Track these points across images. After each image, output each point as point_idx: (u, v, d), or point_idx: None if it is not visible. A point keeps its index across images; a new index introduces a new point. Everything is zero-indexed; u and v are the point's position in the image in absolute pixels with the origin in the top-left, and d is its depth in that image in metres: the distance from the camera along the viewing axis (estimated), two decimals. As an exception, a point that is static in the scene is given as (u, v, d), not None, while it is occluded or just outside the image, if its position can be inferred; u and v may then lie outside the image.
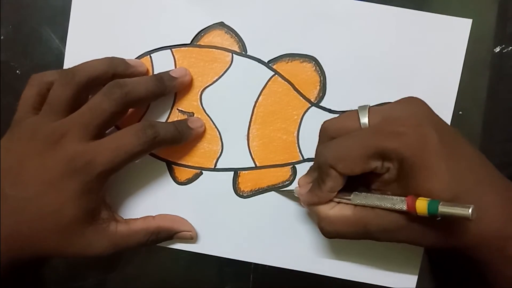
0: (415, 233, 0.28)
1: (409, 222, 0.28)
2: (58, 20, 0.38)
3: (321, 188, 0.30)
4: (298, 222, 0.37)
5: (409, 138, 0.27)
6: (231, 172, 0.38)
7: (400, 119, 0.28)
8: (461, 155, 0.28)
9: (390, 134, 0.28)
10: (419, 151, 0.27)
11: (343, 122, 0.31)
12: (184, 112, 0.37)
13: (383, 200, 0.28)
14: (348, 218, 0.30)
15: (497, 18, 0.36)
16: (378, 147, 0.28)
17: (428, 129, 0.27)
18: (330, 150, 0.30)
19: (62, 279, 0.39)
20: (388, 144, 0.27)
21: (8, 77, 0.38)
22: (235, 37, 0.37)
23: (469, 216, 0.24)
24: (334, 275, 0.37)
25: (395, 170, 0.28)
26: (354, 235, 0.30)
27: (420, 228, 0.28)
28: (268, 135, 0.37)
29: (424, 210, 0.26)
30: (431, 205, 0.25)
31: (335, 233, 0.31)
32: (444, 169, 0.27)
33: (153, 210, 0.38)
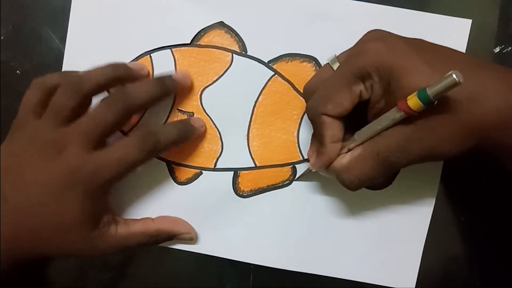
0: (427, 139, 0.27)
1: (415, 128, 0.27)
2: (58, 20, 0.38)
3: (324, 143, 0.30)
4: (298, 222, 0.37)
5: (376, 48, 0.28)
6: (231, 172, 0.38)
7: (363, 41, 0.30)
8: (437, 50, 0.29)
9: (359, 54, 0.29)
10: (390, 54, 0.27)
11: (319, 76, 0.32)
12: (184, 112, 0.37)
13: (381, 121, 0.28)
14: (360, 157, 0.30)
15: (497, 18, 0.36)
16: (354, 70, 0.28)
17: (391, 37, 0.29)
18: (315, 99, 0.30)
19: (62, 279, 0.39)
20: (361, 62, 0.28)
21: (8, 77, 0.38)
22: (235, 37, 0.37)
23: (456, 80, 0.24)
24: (334, 275, 0.37)
25: (378, 86, 0.28)
26: (373, 172, 0.29)
27: (429, 130, 0.27)
28: (268, 135, 0.37)
29: (417, 103, 0.25)
30: (420, 95, 0.25)
31: (356, 179, 0.30)
32: (421, 61, 0.27)
33: (153, 210, 0.38)
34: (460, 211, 0.37)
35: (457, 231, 0.37)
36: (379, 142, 0.29)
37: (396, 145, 0.28)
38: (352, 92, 0.29)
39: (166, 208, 0.38)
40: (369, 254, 0.37)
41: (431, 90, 0.25)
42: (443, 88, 0.25)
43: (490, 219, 0.37)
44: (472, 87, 0.26)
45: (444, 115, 0.26)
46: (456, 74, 0.24)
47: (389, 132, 0.28)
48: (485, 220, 0.37)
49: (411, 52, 0.27)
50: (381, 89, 0.28)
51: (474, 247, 0.37)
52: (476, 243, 0.37)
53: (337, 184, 0.37)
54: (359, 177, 0.30)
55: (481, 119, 0.26)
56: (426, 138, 0.27)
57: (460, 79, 0.24)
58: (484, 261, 0.37)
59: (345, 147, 0.31)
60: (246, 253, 0.38)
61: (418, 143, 0.28)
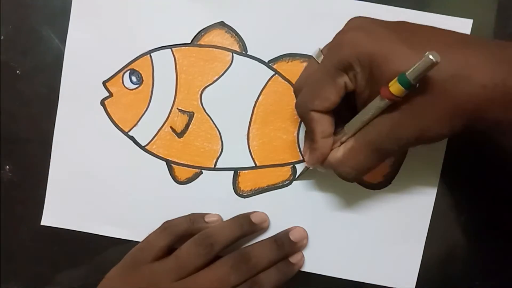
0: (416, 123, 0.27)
1: (402, 113, 0.27)
2: (58, 20, 0.38)
3: (315, 139, 0.31)
4: (298, 222, 0.37)
5: (355, 37, 0.28)
6: (231, 171, 0.38)
7: (342, 31, 0.29)
8: (419, 30, 0.28)
9: (339, 46, 0.28)
10: (370, 42, 0.27)
11: (307, 72, 0.32)
12: (184, 112, 0.37)
13: (368, 110, 0.28)
14: (353, 148, 0.30)
15: (497, 18, 0.36)
16: (335, 63, 0.28)
17: (370, 23, 0.28)
18: (302, 96, 0.31)
19: (62, 279, 0.39)
20: (341, 54, 0.28)
21: (8, 77, 0.38)
22: (236, 37, 0.37)
23: (433, 60, 0.24)
24: (334, 275, 0.37)
25: (361, 76, 0.28)
26: (368, 161, 0.29)
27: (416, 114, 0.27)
28: (268, 134, 0.37)
29: (398, 88, 0.25)
30: (401, 79, 0.25)
31: (352, 170, 0.30)
32: (401, 44, 0.26)
33: (153, 209, 0.38)
34: (460, 211, 0.37)
35: (457, 231, 0.37)
36: (369, 132, 0.29)
37: (386, 132, 0.28)
38: (337, 85, 0.29)
39: (166, 207, 0.38)
40: (369, 254, 0.37)
41: (410, 73, 0.25)
42: (422, 70, 0.24)
43: (490, 219, 0.37)
44: (456, 66, 0.26)
45: (430, 97, 0.26)
46: (433, 55, 0.24)
47: (378, 120, 0.28)
48: (485, 220, 0.37)
49: (391, 37, 0.27)
50: (364, 78, 0.28)
51: (474, 247, 0.37)
52: (476, 243, 0.37)
53: (337, 184, 0.37)
54: (356, 168, 0.30)
55: (468, 97, 0.26)
56: (415, 122, 0.27)
57: (437, 59, 0.24)
58: (484, 261, 0.37)
59: (338, 141, 0.31)
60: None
61: (408, 127, 0.27)
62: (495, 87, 0.25)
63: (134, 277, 0.34)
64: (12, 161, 0.39)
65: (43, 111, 0.38)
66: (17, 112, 0.39)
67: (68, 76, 0.38)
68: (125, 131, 0.38)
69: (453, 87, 0.26)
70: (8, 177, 0.39)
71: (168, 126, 0.38)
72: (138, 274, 0.34)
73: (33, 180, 0.39)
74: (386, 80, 0.26)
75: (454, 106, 0.26)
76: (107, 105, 0.38)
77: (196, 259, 0.34)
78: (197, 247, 0.34)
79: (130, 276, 0.34)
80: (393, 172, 0.37)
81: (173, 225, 0.36)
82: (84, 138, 0.38)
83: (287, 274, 0.36)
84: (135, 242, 0.37)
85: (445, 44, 0.26)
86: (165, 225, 0.36)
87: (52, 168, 0.38)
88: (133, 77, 0.38)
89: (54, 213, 0.39)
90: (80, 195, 0.38)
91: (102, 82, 0.38)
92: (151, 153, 0.38)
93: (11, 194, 0.39)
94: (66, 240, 0.39)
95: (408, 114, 0.27)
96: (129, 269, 0.35)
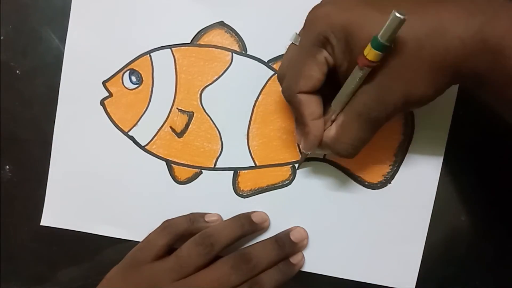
0: (398, 86, 0.27)
1: (384, 78, 0.27)
2: (58, 20, 0.38)
3: (306, 122, 0.31)
4: (298, 222, 0.37)
5: (326, 11, 0.28)
6: (231, 171, 0.38)
7: (313, 8, 0.29)
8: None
9: (312, 22, 0.28)
10: (341, 13, 0.27)
11: (287, 57, 0.32)
12: (184, 112, 0.38)
13: (350, 82, 0.28)
14: (344, 123, 0.30)
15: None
16: (312, 39, 0.28)
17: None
18: (287, 80, 0.30)
19: (62, 279, 0.39)
20: (315, 29, 0.28)
21: (8, 77, 0.38)
22: (235, 37, 0.37)
23: (400, 17, 0.24)
24: (334, 274, 0.37)
25: (338, 48, 0.28)
26: (361, 133, 0.29)
27: (397, 77, 0.27)
28: (268, 134, 0.37)
29: (373, 52, 0.25)
30: (374, 43, 0.25)
31: (348, 146, 0.30)
32: (371, 10, 0.26)
33: (152, 209, 0.38)
34: (460, 211, 0.37)
35: (457, 231, 0.37)
36: (356, 103, 0.29)
37: (372, 100, 0.28)
38: (318, 61, 0.29)
39: (166, 207, 0.38)
40: (369, 254, 0.37)
41: (381, 35, 0.25)
42: (392, 29, 0.24)
43: (490, 219, 0.37)
44: (430, 23, 0.25)
45: (408, 57, 0.26)
46: (399, 12, 0.24)
47: (362, 90, 0.28)
48: (485, 220, 0.37)
49: (361, 4, 0.27)
50: (342, 50, 0.28)
51: (474, 247, 0.37)
52: (476, 243, 0.37)
53: (337, 184, 0.37)
54: (351, 143, 0.30)
55: (445, 52, 0.25)
56: (397, 86, 0.27)
57: (403, 15, 0.24)
58: (484, 261, 0.37)
59: (328, 121, 0.31)
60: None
61: (392, 92, 0.27)
62: (472, 38, 0.25)
63: (135, 277, 0.34)
64: (12, 161, 0.39)
65: (43, 111, 0.38)
66: (17, 112, 0.39)
67: (68, 76, 0.38)
68: (125, 131, 0.38)
69: (429, 44, 0.26)
70: (8, 177, 0.39)
71: (168, 126, 0.38)
72: (138, 274, 0.34)
73: (33, 180, 0.39)
74: (361, 48, 0.26)
75: (433, 63, 0.26)
76: (107, 105, 0.38)
77: (197, 258, 0.34)
78: (197, 247, 0.34)
79: (131, 276, 0.34)
80: (393, 172, 0.37)
81: (173, 224, 0.36)
82: (84, 138, 0.38)
83: (288, 275, 0.36)
84: (135, 242, 0.37)
85: (416, 3, 0.26)
86: (165, 224, 0.36)
87: (52, 168, 0.38)
88: (132, 77, 0.38)
89: (54, 213, 0.39)
90: (80, 195, 0.38)
91: (102, 82, 0.38)
92: (151, 153, 0.38)
93: (11, 194, 0.39)
94: (66, 240, 0.39)
95: (389, 78, 0.27)
96: (129, 269, 0.35)
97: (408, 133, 0.37)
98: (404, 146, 0.37)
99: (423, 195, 0.37)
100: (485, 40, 0.25)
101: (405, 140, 0.37)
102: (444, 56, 0.26)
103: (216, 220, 0.37)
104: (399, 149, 0.37)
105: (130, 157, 0.38)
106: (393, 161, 0.37)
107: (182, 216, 0.37)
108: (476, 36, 0.25)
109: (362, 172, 0.37)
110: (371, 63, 0.26)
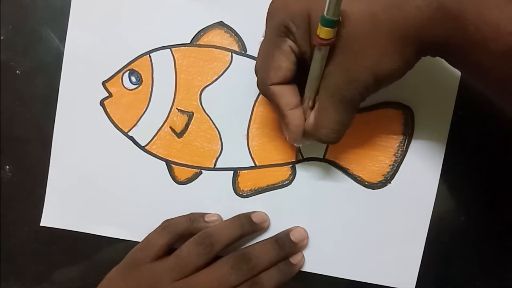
0: (363, 61, 0.27)
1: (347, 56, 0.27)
2: (58, 20, 0.38)
3: (284, 113, 0.31)
4: (298, 222, 0.37)
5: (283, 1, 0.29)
6: (231, 171, 0.38)
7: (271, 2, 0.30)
8: None
9: (272, 15, 0.29)
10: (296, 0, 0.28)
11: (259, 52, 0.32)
12: (184, 112, 0.38)
13: (314, 65, 0.28)
14: (320, 108, 0.30)
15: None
16: (274, 30, 0.29)
17: None
18: (259, 74, 0.31)
19: (62, 279, 0.39)
20: (275, 20, 0.29)
21: (8, 77, 0.38)
22: (235, 37, 0.37)
23: None
24: (334, 274, 0.37)
25: (299, 35, 0.28)
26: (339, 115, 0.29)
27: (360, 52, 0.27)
28: (268, 134, 0.37)
29: (324, 30, 0.26)
30: (322, 21, 0.26)
31: (329, 130, 0.30)
32: None
33: (152, 210, 0.38)
34: (460, 211, 0.37)
35: (457, 231, 0.37)
36: (326, 85, 0.29)
37: (340, 79, 0.28)
38: (283, 51, 0.29)
39: (166, 207, 0.38)
40: (369, 254, 0.37)
41: (326, 11, 0.25)
42: (333, 4, 0.25)
43: (490, 219, 0.37)
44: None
45: (366, 33, 0.26)
46: None
47: (329, 72, 0.28)
48: (485, 220, 0.37)
49: None
50: (302, 37, 0.28)
51: (474, 247, 0.37)
52: (476, 243, 0.37)
53: (337, 184, 0.37)
54: (331, 127, 0.30)
55: (404, 22, 0.26)
56: (362, 62, 0.27)
57: None
58: (484, 261, 0.37)
59: (307, 110, 0.31)
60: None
61: (359, 69, 0.27)
62: (429, 6, 0.25)
63: (135, 276, 0.34)
64: (12, 161, 0.39)
65: (43, 111, 0.38)
66: (17, 112, 0.39)
67: (68, 76, 0.38)
68: (125, 131, 0.38)
69: (387, 16, 0.26)
70: (8, 177, 0.39)
71: (168, 126, 0.38)
72: (138, 274, 0.34)
73: (33, 180, 0.39)
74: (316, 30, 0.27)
75: (393, 36, 0.26)
76: (106, 105, 0.38)
77: (197, 258, 0.34)
78: (197, 247, 0.34)
79: (131, 276, 0.34)
80: (393, 172, 0.37)
81: (173, 223, 0.36)
82: (83, 138, 0.38)
83: (288, 275, 0.36)
84: (135, 242, 0.37)
85: None
86: (165, 224, 0.36)
87: (51, 168, 0.38)
88: (132, 77, 0.38)
89: (54, 213, 0.39)
90: (80, 195, 0.38)
91: (101, 82, 0.38)
92: (151, 153, 0.38)
93: (11, 194, 0.39)
94: (66, 240, 0.39)
95: (352, 57, 0.27)
96: (130, 269, 0.35)
97: (408, 133, 0.37)
98: (404, 146, 0.37)
99: (423, 195, 0.37)
100: (443, 6, 0.25)
101: (405, 140, 0.37)
102: (404, 27, 0.26)
103: (216, 220, 0.37)
104: (399, 149, 0.37)
105: (130, 157, 0.38)
106: (393, 161, 0.37)
107: (182, 216, 0.37)
108: (433, 3, 0.25)
109: (362, 172, 0.37)
110: (324, 41, 0.26)
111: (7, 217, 0.39)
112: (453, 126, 0.36)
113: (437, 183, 0.36)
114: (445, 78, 0.36)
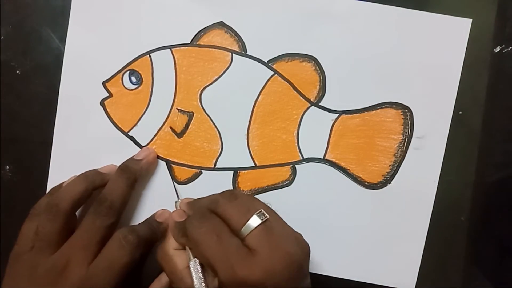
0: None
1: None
2: (58, 20, 0.38)
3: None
4: (297, 222, 0.37)
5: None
6: (231, 171, 0.38)
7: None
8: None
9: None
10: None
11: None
12: (184, 112, 0.38)
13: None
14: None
15: (497, 18, 0.36)
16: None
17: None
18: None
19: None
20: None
21: (8, 77, 0.38)
22: (235, 37, 0.37)
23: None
24: (334, 274, 0.37)
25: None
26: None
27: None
28: (267, 134, 0.37)
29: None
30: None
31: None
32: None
33: (152, 210, 0.38)
34: (460, 211, 0.37)
35: (457, 231, 0.37)
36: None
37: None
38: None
39: (166, 207, 0.37)
40: (369, 254, 0.37)
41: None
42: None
43: (490, 219, 0.37)
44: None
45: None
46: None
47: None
48: (485, 220, 0.37)
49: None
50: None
51: (474, 247, 0.37)
52: (476, 243, 0.37)
53: (337, 184, 0.37)
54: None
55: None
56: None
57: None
58: (484, 261, 0.37)
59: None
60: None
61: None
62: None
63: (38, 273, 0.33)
64: (12, 161, 0.39)
65: (43, 111, 0.38)
66: (17, 112, 0.39)
67: (68, 76, 0.38)
68: (125, 131, 0.38)
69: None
70: (8, 177, 0.39)
71: (168, 126, 0.38)
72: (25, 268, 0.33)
73: (33, 180, 0.39)
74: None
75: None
76: (106, 105, 0.38)
77: (49, 223, 0.33)
78: (46, 215, 0.33)
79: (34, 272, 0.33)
80: (393, 172, 0.37)
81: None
82: (84, 138, 0.38)
83: (134, 173, 0.36)
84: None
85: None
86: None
87: (52, 168, 0.38)
88: (132, 77, 0.38)
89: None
90: (80, 195, 0.38)
91: (102, 82, 0.38)
92: (151, 153, 0.38)
93: (11, 194, 0.39)
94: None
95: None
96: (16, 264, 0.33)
97: (408, 133, 0.37)
98: (404, 146, 0.37)
99: (423, 195, 0.37)
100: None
101: (405, 140, 0.37)
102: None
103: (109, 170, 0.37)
104: (399, 149, 0.37)
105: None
106: (393, 161, 0.37)
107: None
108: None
109: (362, 172, 0.37)
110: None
111: (7, 217, 0.39)
112: (453, 126, 0.36)
113: (437, 183, 0.37)
114: (445, 78, 0.36)
